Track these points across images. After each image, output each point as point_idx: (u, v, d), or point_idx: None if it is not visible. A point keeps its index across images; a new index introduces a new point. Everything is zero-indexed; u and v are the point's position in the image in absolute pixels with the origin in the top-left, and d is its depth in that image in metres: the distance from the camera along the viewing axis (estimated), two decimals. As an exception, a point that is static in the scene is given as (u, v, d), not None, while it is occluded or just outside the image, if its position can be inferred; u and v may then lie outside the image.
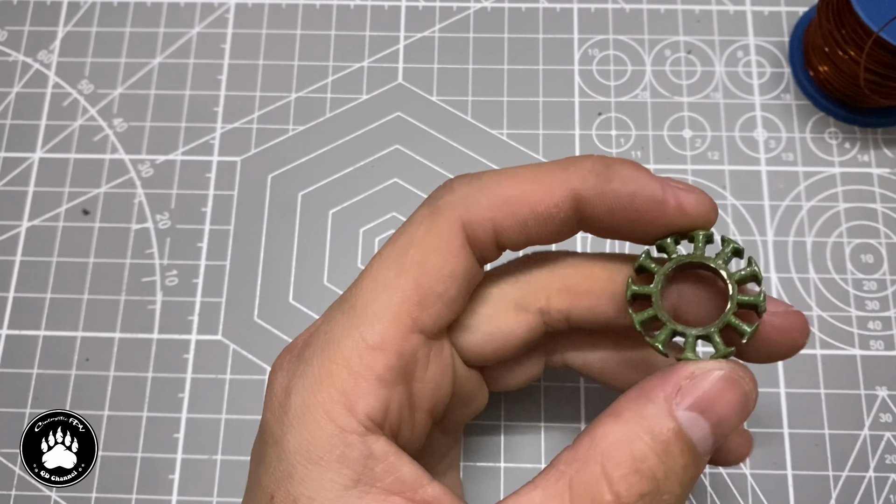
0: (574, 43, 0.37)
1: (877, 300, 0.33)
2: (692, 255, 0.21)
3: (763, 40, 0.36)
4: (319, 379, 0.19)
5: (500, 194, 0.21)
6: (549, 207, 0.21)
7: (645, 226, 0.21)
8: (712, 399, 0.19)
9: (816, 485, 0.30)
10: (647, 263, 0.21)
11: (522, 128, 0.35)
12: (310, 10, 0.37)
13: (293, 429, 0.19)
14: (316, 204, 0.34)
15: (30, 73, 0.37)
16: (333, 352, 0.19)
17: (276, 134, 0.35)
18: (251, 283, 0.33)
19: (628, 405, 0.19)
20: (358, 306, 0.20)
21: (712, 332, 0.20)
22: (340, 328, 0.20)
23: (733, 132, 0.35)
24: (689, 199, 0.20)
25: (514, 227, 0.21)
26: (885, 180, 0.34)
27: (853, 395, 0.31)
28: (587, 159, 0.21)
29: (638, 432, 0.18)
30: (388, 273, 0.20)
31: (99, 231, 0.34)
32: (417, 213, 0.21)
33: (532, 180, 0.21)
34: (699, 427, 0.19)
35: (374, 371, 0.19)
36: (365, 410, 0.19)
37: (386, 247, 0.21)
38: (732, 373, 0.19)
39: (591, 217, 0.21)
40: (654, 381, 0.19)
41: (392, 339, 0.19)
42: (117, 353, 0.32)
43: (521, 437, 0.31)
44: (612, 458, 0.18)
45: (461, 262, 0.20)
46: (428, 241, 0.20)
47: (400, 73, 0.36)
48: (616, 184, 0.20)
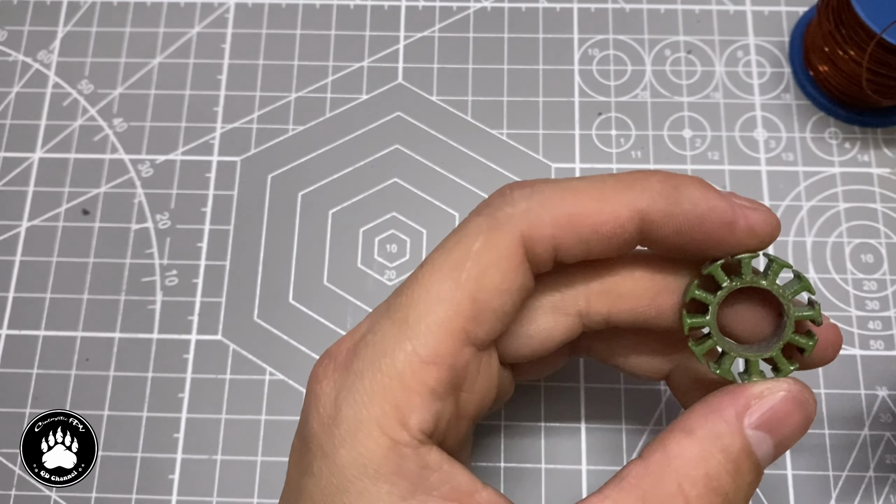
0: (574, 43, 0.37)
1: (877, 300, 0.33)
2: (744, 281, 0.21)
3: (763, 40, 0.36)
4: (372, 393, 0.19)
5: (564, 212, 0.20)
6: (614, 228, 0.20)
7: (712, 246, 0.21)
8: (780, 419, 0.20)
9: (816, 485, 0.30)
10: (700, 295, 0.21)
11: (522, 128, 0.35)
12: (310, 10, 0.37)
13: (346, 443, 0.19)
14: (316, 204, 0.34)
15: (30, 73, 0.37)
16: (386, 365, 0.19)
17: (276, 134, 0.35)
18: (251, 283, 0.33)
19: (700, 421, 0.19)
20: (410, 318, 0.20)
21: (776, 353, 0.21)
22: (392, 340, 0.19)
23: (733, 132, 0.35)
24: (758, 219, 0.20)
25: (575, 244, 0.20)
26: (885, 180, 0.34)
27: (853, 395, 0.31)
28: (653, 178, 0.21)
29: (712, 451, 0.19)
30: (443, 286, 0.20)
31: (99, 231, 0.34)
32: (473, 222, 0.21)
33: (597, 198, 0.20)
34: (765, 445, 0.20)
35: (426, 385, 0.19)
36: (418, 424, 0.19)
37: (439, 256, 0.20)
38: (799, 394, 0.20)
39: (656, 237, 0.21)
40: (724, 398, 0.20)
41: (445, 353, 0.19)
42: (117, 353, 0.32)
43: (521, 437, 0.31)
44: (689, 476, 0.19)
45: (518, 277, 0.20)
46: (486, 255, 0.20)
47: (400, 73, 0.36)
48: (686, 206, 0.20)
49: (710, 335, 0.21)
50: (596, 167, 0.35)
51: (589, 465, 0.31)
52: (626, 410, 0.31)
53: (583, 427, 0.31)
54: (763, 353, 0.21)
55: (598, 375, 0.32)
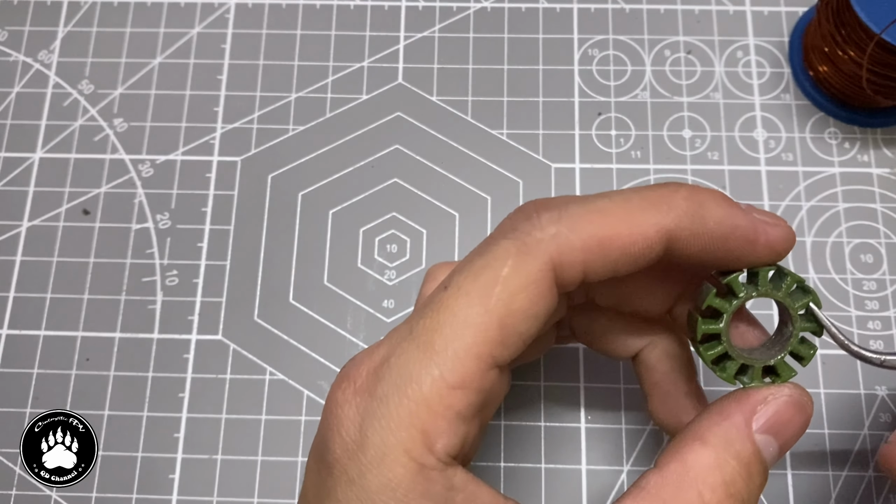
0: (574, 43, 0.37)
1: (876, 300, 0.33)
2: (760, 292, 0.22)
3: (763, 40, 0.36)
4: (399, 419, 0.19)
5: (594, 235, 0.20)
6: (642, 249, 0.20)
7: (732, 261, 0.21)
8: (784, 423, 0.21)
9: (816, 484, 0.30)
10: (718, 304, 0.22)
11: (522, 128, 0.35)
12: (310, 10, 0.37)
13: (373, 469, 0.19)
14: (316, 204, 0.34)
15: (30, 74, 0.37)
16: (413, 391, 0.19)
17: (276, 134, 0.35)
18: (251, 283, 0.33)
19: (712, 429, 0.20)
20: (437, 343, 0.19)
21: (780, 360, 0.22)
22: (418, 365, 0.19)
23: (733, 132, 0.35)
24: (777, 235, 0.21)
25: (604, 266, 0.21)
26: (884, 180, 0.34)
27: (853, 395, 0.31)
28: (677, 195, 0.21)
29: (726, 457, 0.20)
30: (470, 310, 0.20)
31: (99, 231, 0.34)
32: (500, 246, 0.20)
33: (625, 219, 0.20)
34: (771, 448, 0.21)
35: (454, 409, 0.19)
36: (444, 448, 0.19)
37: (465, 280, 0.20)
38: (800, 398, 0.21)
39: (681, 254, 0.21)
40: (731, 405, 0.21)
41: (473, 378, 0.19)
42: (117, 353, 0.32)
43: (521, 437, 0.31)
44: (707, 483, 0.19)
45: (547, 302, 0.20)
46: (515, 280, 0.20)
47: (400, 73, 0.36)
48: (711, 225, 0.21)
49: (721, 340, 0.22)
50: (596, 167, 0.35)
51: (589, 465, 0.31)
52: (625, 410, 0.31)
53: (583, 427, 0.31)
54: (766, 359, 0.22)
55: (598, 375, 0.32)
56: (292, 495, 0.31)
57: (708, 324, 0.22)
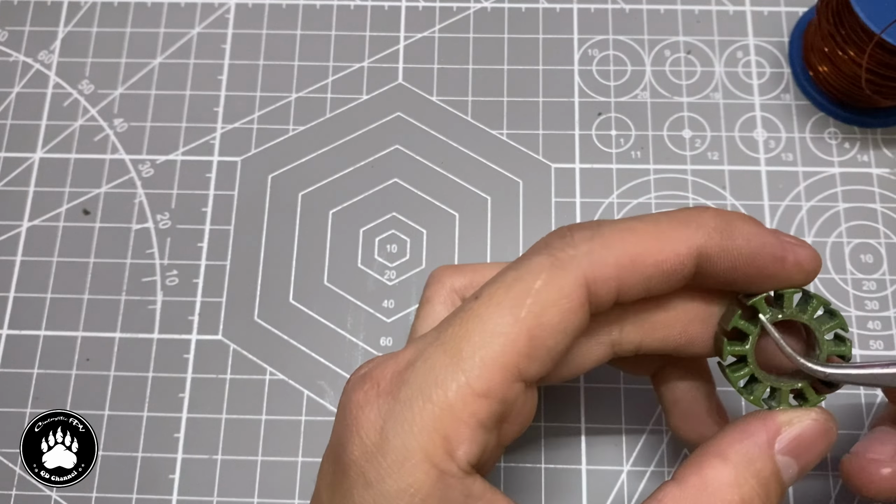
0: (574, 43, 0.37)
1: (876, 300, 0.33)
2: (786, 314, 0.22)
3: (763, 40, 0.36)
4: (422, 423, 0.19)
5: (627, 252, 0.21)
6: (674, 265, 0.21)
7: (762, 280, 0.22)
8: (807, 446, 0.21)
9: (816, 485, 0.30)
10: (744, 326, 0.22)
11: (522, 128, 0.35)
12: (310, 10, 0.37)
13: (394, 473, 0.19)
14: (316, 204, 0.34)
15: (30, 74, 0.37)
16: (437, 396, 0.19)
17: (276, 134, 0.35)
18: (251, 283, 0.33)
19: (734, 446, 0.20)
20: (464, 350, 0.19)
21: (805, 385, 0.22)
22: (444, 370, 0.19)
23: (733, 132, 0.35)
24: (806, 255, 0.21)
25: (637, 283, 0.21)
26: (884, 180, 0.34)
27: (853, 395, 0.31)
28: (705, 214, 0.21)
29: (746, 476, 0.20)
30: (500, 320, 0.20)
31: (99, 231, 0.34)
32: (533, 261, 0.21)
33: (656, 237, 0.21)
34: (791, 470, 0.21)
35: (476, 418, 0.19)
36: (465, 456, 0.19)
37: (497, 290, 0.20)
38: (825, 423, 0.21)
39: (712, 273, 0.21)
40: (755, 423, 0.21)
41: (498, 387, 0.19)
42: (117, 353, 0.32)
43: (522, 438, 0.31)
44: (725, 501, 0.20)
45: (577, 318, 0.20)
46: (547, 294, 0.20)
47: (400, 73, 0.36)
48: (740, 241, 0.21)
49: (747, 362, 0.22)
50: (596, 167, 0.35)
51: (589, 465, 0.31)
52: (625, 410, 0.31)
53: (583, 427, 0.31)
54: (794, 383, 0.22)
55: (598, 376, 0.32)
56: (292, 495, 0.31)
57: (734, 345, 0.22)
